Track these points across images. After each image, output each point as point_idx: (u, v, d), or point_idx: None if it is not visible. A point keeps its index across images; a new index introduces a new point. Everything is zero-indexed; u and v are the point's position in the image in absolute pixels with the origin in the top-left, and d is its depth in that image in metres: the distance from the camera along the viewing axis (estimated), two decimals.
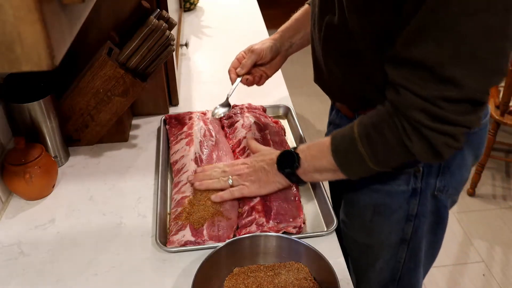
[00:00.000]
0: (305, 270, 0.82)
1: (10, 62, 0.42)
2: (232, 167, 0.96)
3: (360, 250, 1.03)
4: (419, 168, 0.90)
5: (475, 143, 0.94)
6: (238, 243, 0.83)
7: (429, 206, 0.95)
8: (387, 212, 0.97)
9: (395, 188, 0.93)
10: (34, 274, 0.85)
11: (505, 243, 2.18)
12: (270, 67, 1.13)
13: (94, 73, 1.04)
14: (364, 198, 0.99)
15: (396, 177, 0.92)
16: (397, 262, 1.03)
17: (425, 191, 0.93)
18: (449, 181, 0.93)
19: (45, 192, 1.02)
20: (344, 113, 1.02)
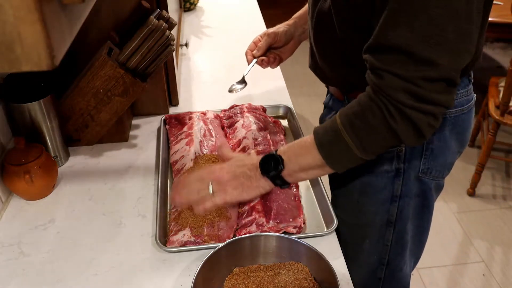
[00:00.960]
0: (305, 270, 0.82)
1: (10, 62, 0.42)
2: (210, 174, 0.89)
3: (349, 230, 1.05)
4: (402, 148, 0.94)
5: (459, 127, 0.96)
6: (238, 243, 0.83)
7: (413, 188, 0.98)
8: (372, 191, 1.00)
9: (379, 168, 0.97)
10: (34, 274, 0.85)
11: (505, 243, 2.18)
12: (284, 51, 1.20)
13: (94, 73, 1.04)
14: (350, 178, 1.02)
15: (380, 157, 0.92)
16: (384, 245, 1.06)
17: (408, 172, 0.96)
18: (432, 164, 0.96)
19: (45, 192, 1.02)
20: (336, 96, 1.06)
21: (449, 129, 0.94)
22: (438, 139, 0.94)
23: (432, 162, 0.96)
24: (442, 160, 0.97)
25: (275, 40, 1.17)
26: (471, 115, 0.99)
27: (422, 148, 0.95)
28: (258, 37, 1.20)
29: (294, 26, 1.18)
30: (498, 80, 2.44)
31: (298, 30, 1.19)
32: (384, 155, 0.95)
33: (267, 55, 1.18)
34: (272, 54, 1.19)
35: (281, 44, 1.19)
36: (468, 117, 0.97)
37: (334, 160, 0.83)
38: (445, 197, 2.38)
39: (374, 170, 0.98)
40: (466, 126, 0.98)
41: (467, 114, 0.96)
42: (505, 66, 3.45)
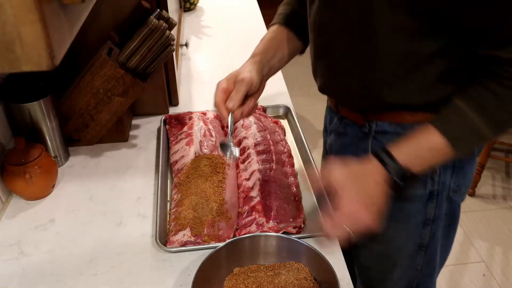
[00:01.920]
0: (305, 270, 0.82)
1: (10, 62, 0.42)
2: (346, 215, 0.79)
3: (374, 260, 1.00)
4: (436, 169, 0.89)
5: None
6: (238, 243, 0.83)
7: (444, 209, 0.94)
8: (404, 218, 0.95)
9: (412, 192, 0.91)
10: (34, 274, 0.85)
11: (505, 243, 2.18)
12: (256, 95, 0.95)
13: (94, 73, 1.04)
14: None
15: (414, 181, 0.89)
16: (415, 270, 1.01)
17: (442, 193, 0.92)
18: (461, 180, 0.93)
19: (45, 192, 1.02)
20: (352, 120, 0.97)
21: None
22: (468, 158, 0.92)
23: (462, 179, 0.93)
24: (470, 174, 0.95)
25: (251, 87, 0.90)
26: None
27: (452, 166, 0.90)
28: (225, 83, 0.90)
29: (261, 63, 0.95)
30: None
31: (265, 69, 0.96)
32: (417, 179, 0.89)
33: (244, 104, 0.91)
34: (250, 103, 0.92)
35: (257, 89, 0.93)
36: None
37: (466, 151, 0.83)
38: None
39: (406, 195, 0.91)
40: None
41: None
42: None
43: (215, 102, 0.90)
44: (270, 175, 1.00)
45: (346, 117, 1.00)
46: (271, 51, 1.00)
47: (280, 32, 1.04)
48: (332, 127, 1.07)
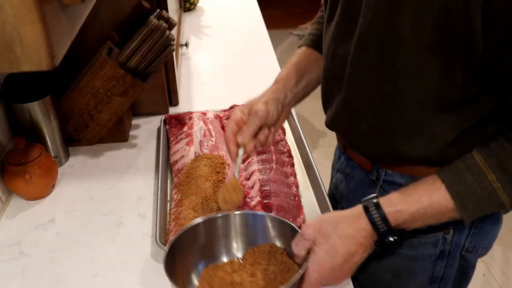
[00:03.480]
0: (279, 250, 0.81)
1: (10, 62, 0.42)
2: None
3: None
4: (450, 230, 0.81)
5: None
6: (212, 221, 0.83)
7: (455, 267, 0.87)
8: (408, 276, 0.87)
9: (421, 252, 0.83)
10: (34, 274, 0.85)
11: (505, 243, 2.18)
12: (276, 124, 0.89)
13: (94, 73, 1.04)
14: (383, 261, 0.87)
15: (423, 242, 0.82)
16: None
17: (454, 253, 0.84)
18: (479, 242, 0.83)
19: (45, 192, 1.02)
20: (359, 163, 0.90)
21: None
22: (490, 217, 0.81)
23: (480, 240, 0.83)
24: (491, 235, 0.85)
25: (266, 120, 0.83)
26: None
27: (470, 226, 0.81)
28: (239, 113, 0.84)
29: (284, 91, 0.89)
30: None
31: (288, 97, 0.90)
32: (427, 240, 0.82)
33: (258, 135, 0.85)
34: (263, 132, 0.85)
35: (274, 121, 0.87)
36: None
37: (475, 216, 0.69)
38: None
39: (415, 255, 0.84)
40: None
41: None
42: None
43: (225, 135, 0.85)
44: (270, 175, 1.00)
45: (353, 159, 0.91)
46: (295, 77, 0.92)
47: (308, 55, 0.96)
48: (339, 165, 0.99)
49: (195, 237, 0.81)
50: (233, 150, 0.83)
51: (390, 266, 0.87)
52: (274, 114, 0.85)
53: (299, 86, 0.92)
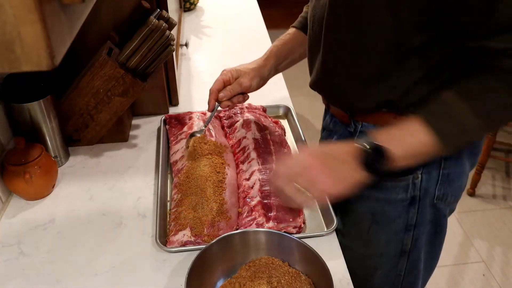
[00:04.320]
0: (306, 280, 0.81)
1: (10, 62, 0.42)
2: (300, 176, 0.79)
3: (358, 261, 0.99)
4: (418, 175, 0.89)
5: (475, 148, 0.93)
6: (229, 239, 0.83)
7: (428, 215, 0.94)
8: (385, 221, 0.95)
9: (393, 197, 0.92)
10: (34, 274, 0.85)
11: (505, 243, 2.18)
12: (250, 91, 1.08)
13: (94, 73, 1.04)
14: (361, 206, 0.97)
15: (394, 185, 0.91)
16: (397, 275, 1.01)
17: (424, 199, 0.91)
18: (448, 189, 0.92)
19: (45, 192, 1.02)
20: (339, 118, 1.00)
21: (467, 152, 0.90)
22: (455, 164, 0.90)
23: (448, 187, 0.92)
24: (458, 185, 0.94)
25: (246, 91, 1.06)
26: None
27: (438, 173, 0.89)
28: (229, 74, 1.04)
29: (268, 68, 1.08)
30: None
31: (271, 73, 1.10)
32: (399, 184, 0.90)
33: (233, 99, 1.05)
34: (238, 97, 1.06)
35: (251, 90, 1.07)
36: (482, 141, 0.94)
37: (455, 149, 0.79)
38: None
39: (387, 198, 0.92)
40: (480, 147, 0.95)
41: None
42: None
43: (211, 88, 1.04)
44: (270, 175, 1.00)
45: (335, 115, 1.02)
46: (283, 55, 1.10)
47: (296, 36, 1.11)
48: (324, 124, 1.10)
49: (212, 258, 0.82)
50: (212, 103, 1.04)
51: (368, 212, 0.95)
52: (254, 87, 1.07)
53: (282, 64, 1.12)
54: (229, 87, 1.03)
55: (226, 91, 1.03)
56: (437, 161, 0.88)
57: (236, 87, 1.03)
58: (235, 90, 1.03)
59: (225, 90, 1.03)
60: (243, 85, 1.03)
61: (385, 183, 0.90)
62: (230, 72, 1.05)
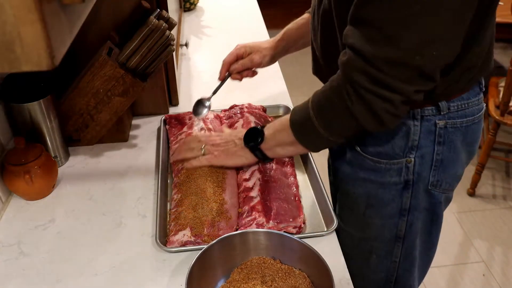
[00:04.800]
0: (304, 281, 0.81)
1: (10, 62, 0.42)
2: (207, 137, 1.04)
3: (354, 245, 1.03)
4: (411, 159, 0.91)
5: (469, 137, 0.93)
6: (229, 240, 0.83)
7: (423, 202, 0.95)
8: (379, 204, 0.97)
9: (387, 179, 0.93)
10: (34, 274, 0.85)
11: (505, 243, 2.18)
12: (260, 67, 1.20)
13: (94, 73, 1.04)
14: (357, 189, 0.99)
15: (388, 168, 0.92)
16: (393, 262, 1.03)
17: (418, 184, 0.93)
18: (442, 176, 0.93)
19: (45, 192, 1.02)
20: None
21: (460, 139, 0.91)
22: (448, 150, 0.91)
23: (442, 174, 0.92)
24: (453, 172, 0.94)
25: (257, 67, 1.17)
26: (481, 125, 0.96)
27: (431, 159, 0.91)
28: (242, 51, 1.16)
29: (280, 49, 1.18)
30: (498, 80, 2.44)
31: (281, 54, 1.19)
32: (392, 167, 0.92)
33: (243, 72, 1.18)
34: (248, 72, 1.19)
35: (261, 67, 1.19)
36: (478, 128, 0.94)
37: (305, 140, 0.88)
38: None
39: (382, 181, 0.94)
40: (476, 137, 0.95)
41: (477, 124, 0.93)
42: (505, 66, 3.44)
43: (224, 59, 1.16)
44: (270, 175, 1.01)
45: None
46: (294, 39, 1.17)
47: (308, 21, 1.13)
48: None
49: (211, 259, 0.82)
50: (222, 73, 1.17)
51: (363, 194, 0.97)
52: (264, 65, 1.17)
53: (294, 47, 1.19)
54: (241, 62, 1.15)
55: (237, 64, 1.14)
56: (430, 146, 0.89)
57: (247, 62, 1.14)
58: (246, 65, 1.15)
59: (237, 63, 1.14)
60: (254, 61, 1.14)
61: (379, 165, 0.92)
62: (244, 47, 1.16)
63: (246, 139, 0.96)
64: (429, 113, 0.87)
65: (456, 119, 0.88)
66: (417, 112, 0.86)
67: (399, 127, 0.88)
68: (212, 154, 1.00)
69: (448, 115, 0.87)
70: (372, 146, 0.92)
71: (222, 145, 1.00)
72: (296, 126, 0.87)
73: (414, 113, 0.86)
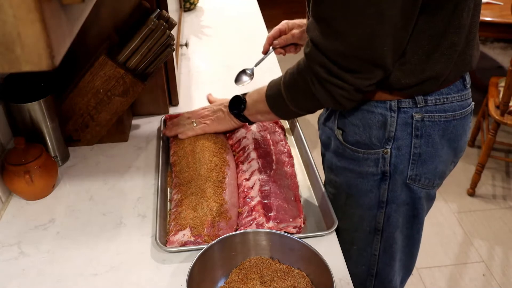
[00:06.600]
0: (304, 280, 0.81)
1: (10, 62, 0.42)
2: (195, 112, 1.14)
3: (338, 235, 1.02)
4: (387, 150, 0.92)
5: (450, 133, 0.91)
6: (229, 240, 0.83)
7: (401, 195, 0.96)
8: (358, 194, 0.99)
9: (365, 169, 0.95)
10: (34, 274, 0.85)
11: (505, 243, 2.18)
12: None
13: (94, 73, 1.04)
14: (339, 177, 1.01)
15: (366, 158, 0.94)
16: (373, 255, 1.05)
17: (395, 176, 0.94)
18: (421, 170, 0.93)
19: (45, 192, 1.02)
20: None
21: (439, 134, 0.90)
22: (426, 144, 0.90)
23: (420, 168, 0.93)
24: (432, 167, 0.93)
25: (298, 41, 1.21)
26: (466, 123, 0.94)
27: (409, 152, 0.91)
28: (285, 25, 1.22)
29: None
30: (498, 80, 2.44)
31: None
32: (369, 156, 0.93)
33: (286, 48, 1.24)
34: (290, 48, 1.24)
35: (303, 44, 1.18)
36: (461, 124, 0.92)
37: (278, 111, 0.98)
38: (445, 197, 2.38)
39: (360, 171, 0.96)
40: (460, 133, 0.93)
41: (460, 121, 0.91)
42: (505, 66, 3.45)
43: (269, 34, 1.24)
44: (270, 175, 1.01)
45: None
46: None
47: None
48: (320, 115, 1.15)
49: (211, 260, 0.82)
50: (265, 47, 1.24)
51: (344, 183, 1.01)
52: (304, 39, 1.16)
53: None
54: (284, 37, 1.21)
55: (280, 39, 1.21)
56: (407, 139, 0.90)
57: (289, 37, 1.20)
58: (288, 40, 1.20)
59: (280, 38, 1.21)
60: (294, 36, 1.20)
61: (357, 154, 0.95)
62: (287, 23, 1.22)
63: (231, 106, 1.07)
64: (406, 105, 0.88)
65: (434, 113, 0.88)
66: (394, 104, 0.88)
67: (377, 118, 0.90)
68: (205, 123, 1.10)
69: (425, 109, 0.88)
70: (351, 136, 0.94)
71: (211, 115, 1.11)
72: (270, 100, 0.97)
73: (391, 104, 0.88)
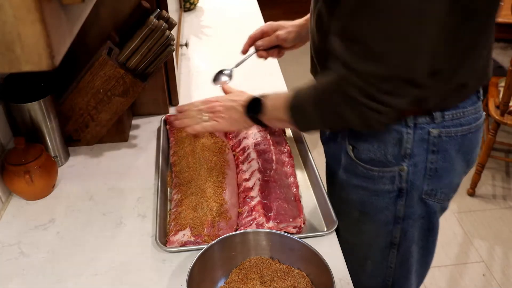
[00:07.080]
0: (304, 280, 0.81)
1: (10, 62, 0.42)
2: (207, 104, 1.02)
3: (350, 250, 1.00)
4: (404, 167, 0.90)
5: (466, 146, 0.91)
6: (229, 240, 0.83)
7: (418, 210, 0.94)
8: (373, 211, 0.96)
9: (381, 187, 0.93)
10: (34, 274, 0.85)
11: (505, 243, 2.18)
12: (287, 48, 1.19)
13: (94, 73, 1.04)
14: (351, 195, 0.98)
15: (381, 176, 0.92)
16: (388, 268, 1.02)
17: (412, 193, 0.92)
18: (437, 185, 0.91)
19: (45, 192, 1.02)
20: None
21: (456, 149, 0.89)
22: (443, 159, 0.89)
23: (436, 183, 0.91)
24: (447, 182, 0.92)
25: (283, 43, 1.16)
26: (479, 134, 0.93)
27: (424, 168, 0.89)
28: (269, 27, 1.16)
29: (305, 27, 1.13)
30: (498, 80, 2.44)
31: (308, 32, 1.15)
32: (384, 174, 0.91)
33: (269, 51, 1.18)
34: (274, 51, 1.18)
35: (287, 47, 1.17)
36: (475, 137, 0.91)
37: (299, 123, 0.90)
38: None
39: (375, 189, 0.93)
40: (474, 146, 0.93)
41: (474, 134, 0.90)
42: (505, 66, 3.44)
43: (250, 34, 1.18)
44: (270, 175, 1.01)
45: None
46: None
47: None
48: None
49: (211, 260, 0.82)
50: (245, 47, 1.18)
51: (357, 201, 0.97)
52: (290, 42, 1.15)
53: None
54: (268, 38, 1.16)
55: (263, 40, 1.16)
56: (423, 155, 0.88)
57: (273, 38, 1.15)
58: (271, 41, 1.15)
59: (263, 40, 1.16)
60: (279, 37, 1.14)
61: (372, 173, 0.92)
62: (271, 24, 1.16)
63: (247, 109, 0.96)
64: (423, 121, 0.86)
65: (451, 127, 0.86)
66: (410, 120, 0.85)
67: (392, 135, 0.87)
68: (216, 121, 0.99)
69: (443, 124, 0.86)
70: (365, 153, 0.91)
71: (223, 112, 0.99)
72: (294, 111, 0.88)
73: (407, 120, 0.85)
